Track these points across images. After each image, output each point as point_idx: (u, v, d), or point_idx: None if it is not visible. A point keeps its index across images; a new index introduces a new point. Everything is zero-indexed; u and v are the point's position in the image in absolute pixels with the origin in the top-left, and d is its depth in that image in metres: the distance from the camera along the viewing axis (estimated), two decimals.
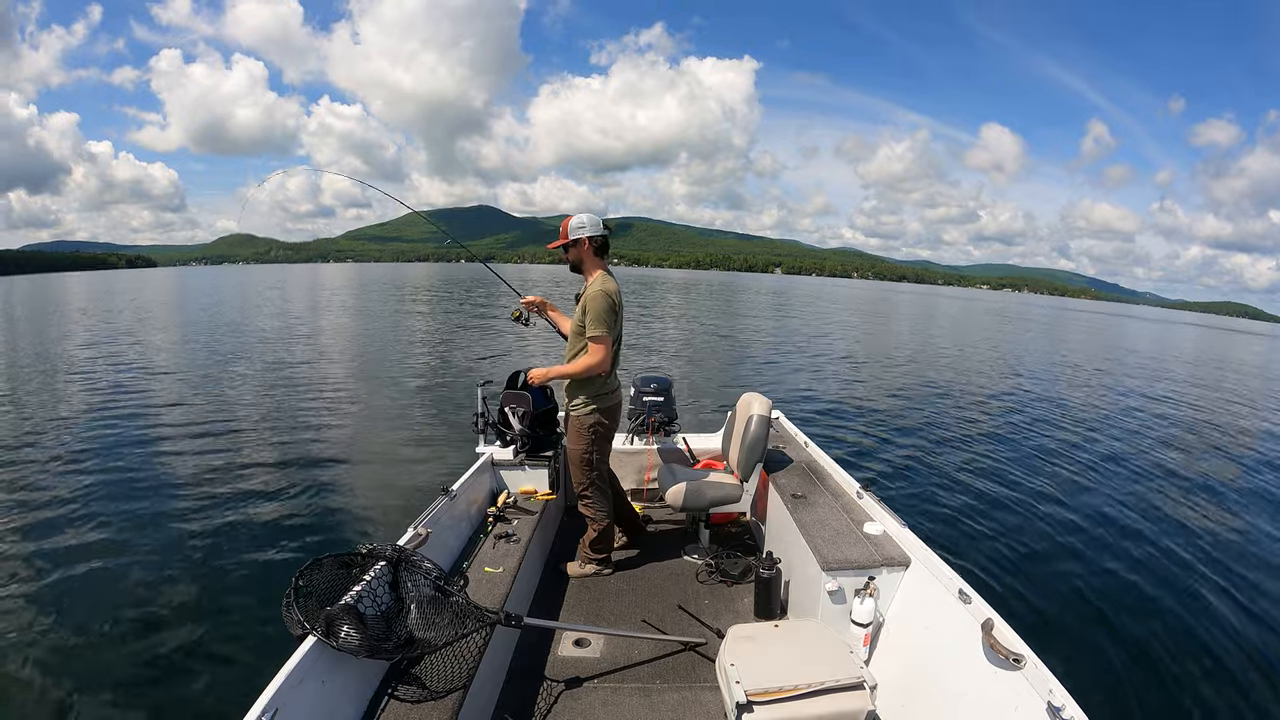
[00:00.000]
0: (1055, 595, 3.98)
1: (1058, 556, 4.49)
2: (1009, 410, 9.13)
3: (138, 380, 11.86)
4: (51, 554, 4.63)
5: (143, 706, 3.04)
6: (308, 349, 15.61)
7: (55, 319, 24.52)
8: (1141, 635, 3.60)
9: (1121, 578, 4.23)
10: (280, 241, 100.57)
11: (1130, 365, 17.19)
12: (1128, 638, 3.57)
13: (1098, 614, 3.81)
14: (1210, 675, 3.26)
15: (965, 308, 63.61)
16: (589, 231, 2.79)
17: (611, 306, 2.72)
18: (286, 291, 31.70)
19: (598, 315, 2.68)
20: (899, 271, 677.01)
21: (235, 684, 3.11)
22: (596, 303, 2.69)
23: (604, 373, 2.81)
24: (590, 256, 2.82)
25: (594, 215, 2.83)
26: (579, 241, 2.80)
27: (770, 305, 39.90)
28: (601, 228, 2.81)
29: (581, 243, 2.80)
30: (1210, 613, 3.84)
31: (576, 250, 2.82)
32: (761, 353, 14.45)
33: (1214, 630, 3.65)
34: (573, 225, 2.80)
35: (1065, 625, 3.65)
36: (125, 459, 6.94)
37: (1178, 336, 43.99)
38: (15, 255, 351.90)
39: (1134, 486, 6.03)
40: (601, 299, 2.69)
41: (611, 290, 2.74)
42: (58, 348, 15.89)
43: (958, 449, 7.06)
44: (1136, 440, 7.76)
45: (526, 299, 3.08)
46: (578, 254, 2.82)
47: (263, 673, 1.56)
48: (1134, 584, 4.15)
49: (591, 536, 3.11)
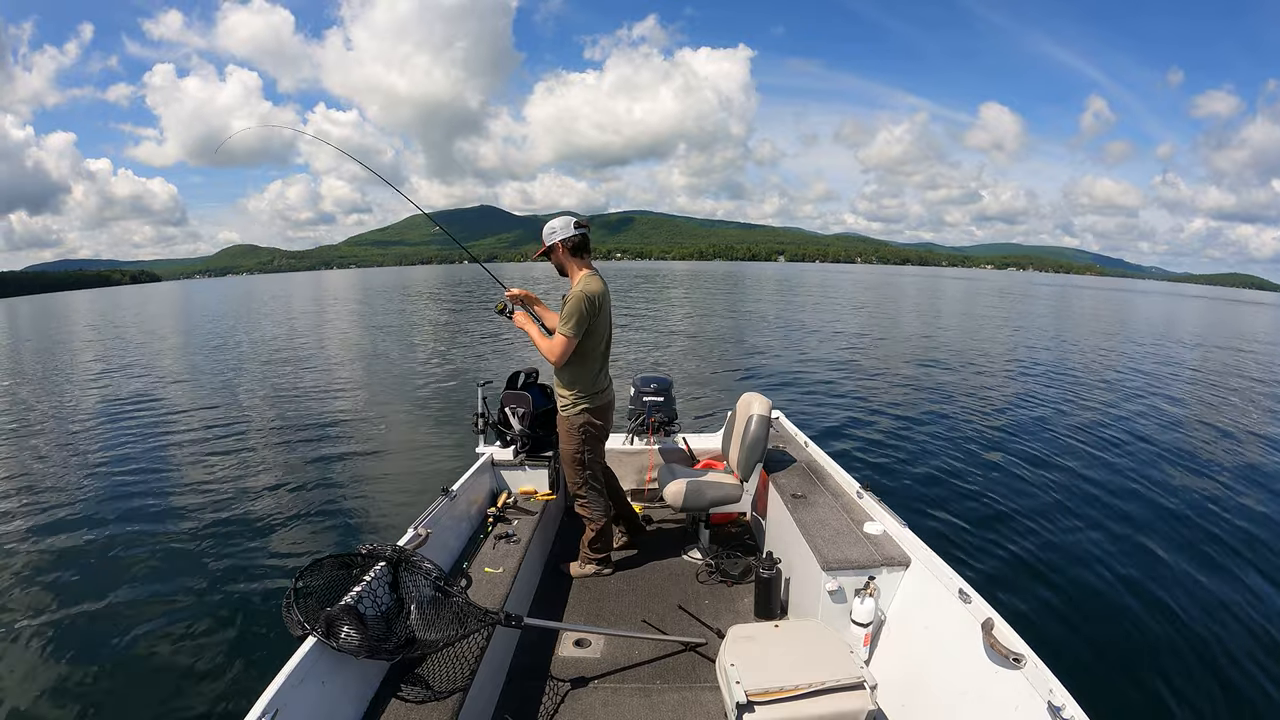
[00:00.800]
0: (1056, 594, 3.97)
1: (1058, 555, 4.48)
2: (1010, 407, 9.13)
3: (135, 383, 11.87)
4: (50, 554, 4.64)
5: (143, 706, 3.04)
6: (307, 353, 15.62)
7: (58, 338, 24.59)
8: (1142, 635, 3.60)
9: (1122, 577, 4.22)
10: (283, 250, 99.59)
11: (1137, 348, 17.00)
12: (1129, 637, 3.57)
13: (1098, 613, 3.80)
14: (1212, 675, 3.26)
15: (967, 289, 62.65)
16: (560, 235, 2.80)
17: (589, 308, 2.73)
18: (287, 301, 31.62)
19: (569, 314, 2.71)
20: (902, 255, 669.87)
21: (235, 684, 3.11)
22: (572, 302, 2.72)
23: (555, 365, 2.83)
24: (569, 258, 2.84)
25: (566, 217, 2.82)
26: (554, 246, 2.83)
27: (771, 296, 39.61)
28: (573, 228, 2.81)
29: (556, 247, 2.83)
30: (1215, 611, 3.83)
31: (556, 255, 2.84)
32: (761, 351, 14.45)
33: (1217, 629, 3.65)
34: (545, 232, 2.85)
35: (1065, 625, 3.64)
36: (125, 460, 6.95)
37: (1183, 311, 42.59)
38: (18, 276, 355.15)
39: (1136, 484, 6.02)
40: (578, 300, 2.72)
41: (592, 291, 2.75)
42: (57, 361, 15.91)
43: (958, 448, 7.06)
44: (1140, 434, 7.74)
45: (511, 291, 3.05)
46: (557, 258, 2.85)
47: (263, 673, 1.56)
48: (1135, 583, 4.15)
49: (590, 536, 3.12)
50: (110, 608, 3.90)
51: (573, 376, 2.87)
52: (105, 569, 4.39)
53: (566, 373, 2.87)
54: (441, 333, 19.30)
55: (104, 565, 4.44)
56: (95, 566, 4.43)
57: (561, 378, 2.91)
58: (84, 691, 3.12)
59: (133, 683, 3.20)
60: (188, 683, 3.19)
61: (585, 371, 2.87)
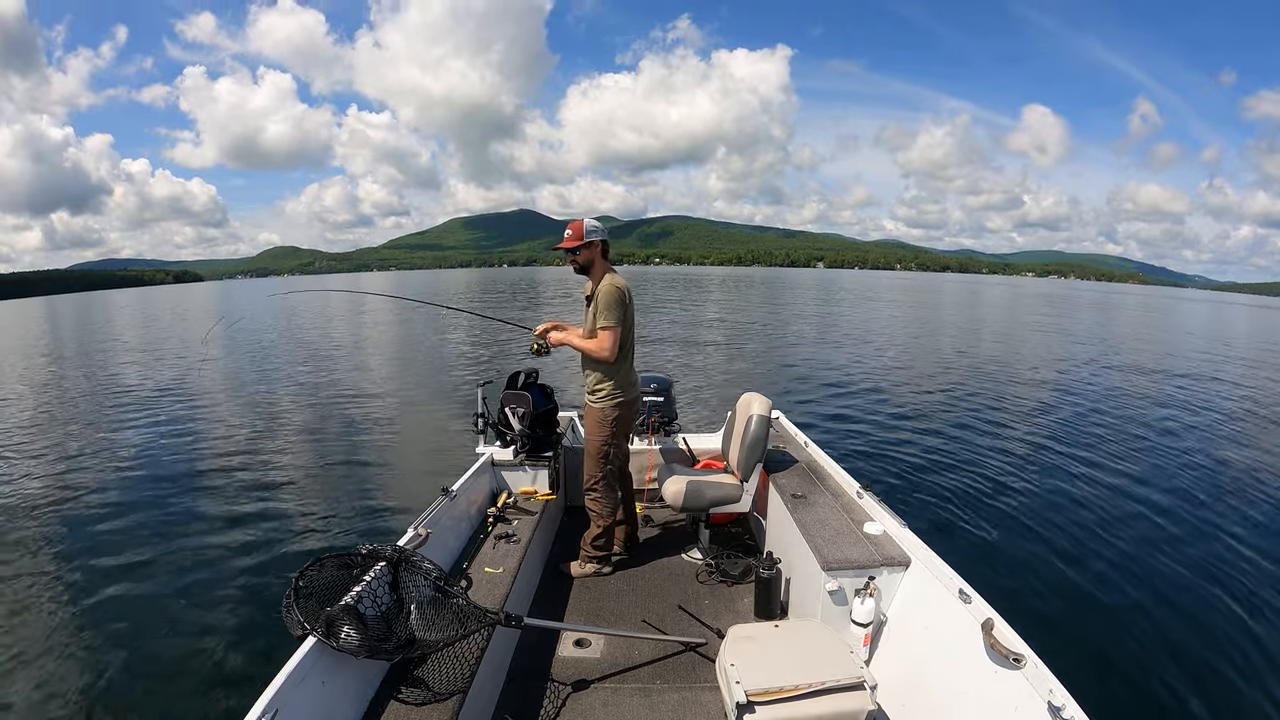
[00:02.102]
0: (1056, 595, 3.97)
1: (1059, 555, 4.48)
2: (1011, 408, 9.13)
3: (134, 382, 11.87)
4: (50, 553, 4.63)
5: (143, 706, 3.04)
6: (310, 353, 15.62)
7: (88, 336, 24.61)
8: (1143, 635, 3.60)
9: (1123, 577, 4.22)
10: (323, 252, 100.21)
11: (1144, 351, 16.99)
12: (1129, 637, 3.57)
13: (1099, 613, 3.80)
14: (1213, 675, 3.26)
15: (996, 295, 62.16)
16: (601, 236, 2.92)
17: (621, 299, 2.85)
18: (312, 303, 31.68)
19: (608, 306, 2.83)
20: (942, 262, 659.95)
21: (235, 684, 3.11)
22: (608, 295, 2.84)
23: (609, 359, 2.89)
24: (600, 259, 2.95)
25: (600, 222, 2.98)
26: (592, 244, 2.90)
27: (808, 301, 39.40)
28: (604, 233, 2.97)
29: (595, 245, 2.91)
30: (1215, 612, 3.82)
31: (589, 252, 2.91)
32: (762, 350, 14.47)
33: (1218, 630, 3.64)
34: (588, 227, 2.90)
35: (1065, 625, 3.64)
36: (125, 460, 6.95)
37: (1222, 320, 41.25)
38: (64, 274, 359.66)
39: (1135, 484, 6.01)
40: (612, 291, 2.84)
41: (621, 285, 2.88)
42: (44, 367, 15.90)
43: (959, 448, 7.06)
44: (1140, 435, 7.74)
45: (539, 328, 3.09)
46: (590, 255, 2.92)
47: (263, 673, 1.56)
48: (1136, 583, 4.15)
49: (594, 534, 3.12)
50: (110, 607, 3.90)
51: (608, 370, 2.95)
52: (105, 568, 4.39)
53: (602, 366, 2.93)
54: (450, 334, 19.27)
55: (104, 565, 4.44)
56: (95, 565, 4.43)
57: (597, 372, 2.97)
58: (84, 691, 3.12)
59: (132, 682, 3.20)
60: (188, 682, 3.19)
61: (620, 365, 2.96)
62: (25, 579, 4.26)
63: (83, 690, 3.13)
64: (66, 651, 3.44)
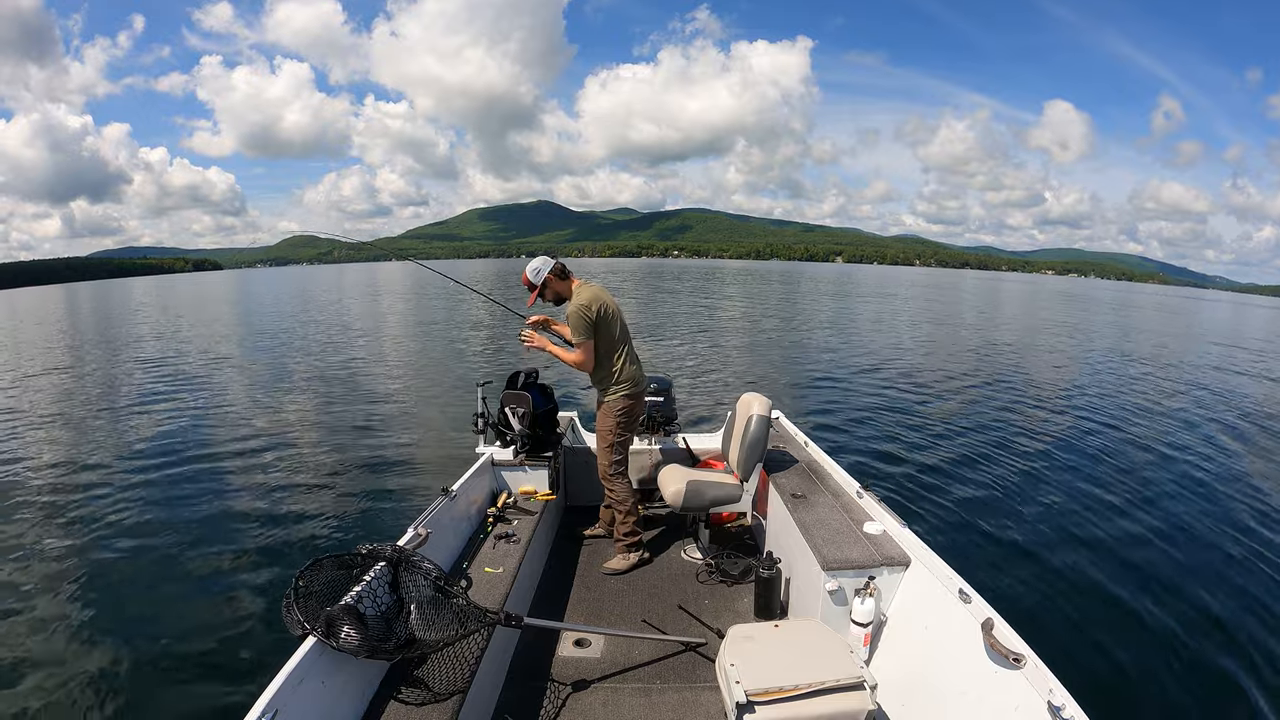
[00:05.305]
0: (1056, 595, 3.97)
1: (1059, 556, 4.48)
2: (1012, 408, 9.13)
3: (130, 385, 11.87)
4: (50, 552, 4.63)
5: (143, 706, 3.04)
6: (311, 349, 15.61)
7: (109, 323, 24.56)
8: (1143, 635, 3.60)
9: (1123, 577, 4.22)
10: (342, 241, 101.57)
11: (1149, 351, 16.98)
12: (1129, 637, 3.56)
13: (1098, 613, 3.80)
14: (1213, 676, 3.26)
15: (1013, 292, 61.72)
16: (547, 269, 3.04)
17: (585, 317, 2.98)
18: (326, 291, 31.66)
19: (574, 328, 3.02)
20: (962, 258, 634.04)
21: (235, 684, 3.11)
22: (572, 318, 3.03)
23: (587, 369, 3.10)
24: (560, 282, 3.07)
25: (542, 257, 3.07)
26: (546, 280, 3.03)
27: (822, 295, 39.04)
28: (550, 260, 3.08)
29: (548, 280, 3.04)
30: (1216, 614, 3.82)
31: (551, 289, 3.07)
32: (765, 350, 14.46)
33: (1219, 632, 3.64)
34: (530, 271, 3.03)
35: (1065, 625, 3.64)
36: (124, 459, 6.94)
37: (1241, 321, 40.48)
38: (85, 262, 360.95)
39: (1136, 484, 6.01)
40: (574, 314, 3.00)
41: (584, 300, 2.99)
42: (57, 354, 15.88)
43: (959, 448, 7.05)
44: (1140, 434, 7.74)
45: (531, 319, 3.21)
46: (554, 289, 3.08)
47: (263, 673, 1.56)
48: (1136, 583, 4.14)
49: (624, 528, 3.19)
50: (109, 606, 3.90)
51: (606, 371, 3.13)
52: (105, 568, 4.39)
53: (601, 369, 3.13)
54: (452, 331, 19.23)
55: (103, 564, 4.44)
56: (94, 565, 4.43)
57: (600, 371, 3.14)
58: (83, 690, 3.12)
59: (132, 682, 3.20)
60: (187, 682, 3.19)
61: (616, 364, 3.12)
62: (25, 579, 4.26)
63: (82, 689, 3.13)
64: (66, 650, 3.44)
